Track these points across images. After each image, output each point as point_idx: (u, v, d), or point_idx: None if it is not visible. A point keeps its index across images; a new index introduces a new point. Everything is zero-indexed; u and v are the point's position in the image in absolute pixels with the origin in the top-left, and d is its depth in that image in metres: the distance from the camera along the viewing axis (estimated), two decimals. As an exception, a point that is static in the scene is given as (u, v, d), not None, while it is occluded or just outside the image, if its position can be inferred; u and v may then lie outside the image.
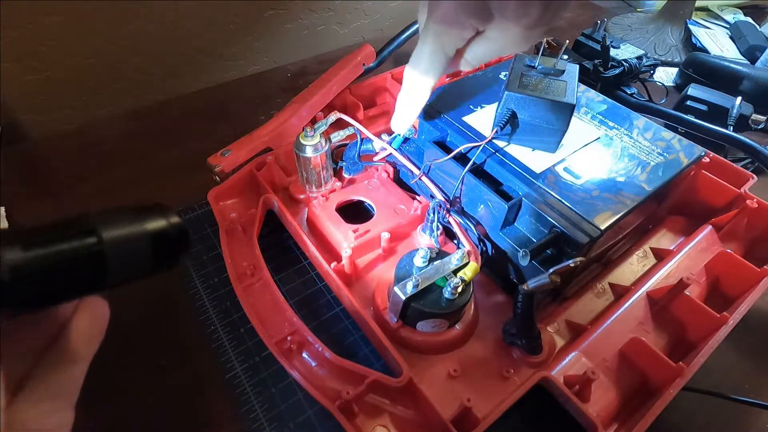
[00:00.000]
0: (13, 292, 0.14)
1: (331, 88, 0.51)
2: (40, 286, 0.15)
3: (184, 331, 0.39)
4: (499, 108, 0.37)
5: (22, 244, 0.14)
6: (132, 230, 0.16)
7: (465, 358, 0.36)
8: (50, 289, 0.15)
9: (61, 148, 0.56)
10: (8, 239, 0.14)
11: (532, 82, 0.37)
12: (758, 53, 0.73)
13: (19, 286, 0.14)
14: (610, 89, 0.62)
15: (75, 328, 0.17)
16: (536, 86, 0.36)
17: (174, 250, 0.18)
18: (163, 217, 0.17)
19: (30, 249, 0.14)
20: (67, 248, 0.15)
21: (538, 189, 0.35)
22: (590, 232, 0.32)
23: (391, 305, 0.35)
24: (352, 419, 0.32)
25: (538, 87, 0.36)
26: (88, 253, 0.15)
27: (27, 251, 0.14)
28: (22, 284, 0.14)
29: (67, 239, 0.15)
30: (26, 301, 0.15)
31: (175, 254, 0.18)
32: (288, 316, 0.36)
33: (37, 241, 0.14)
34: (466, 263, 0.35)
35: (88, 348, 0.18)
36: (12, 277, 0.14)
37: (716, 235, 0.43)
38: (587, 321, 0.38)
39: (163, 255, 0.17)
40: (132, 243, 0.16)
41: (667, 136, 0.41)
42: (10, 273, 0.14)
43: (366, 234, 0.41)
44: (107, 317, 0.18)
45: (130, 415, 0.34)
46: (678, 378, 0.31)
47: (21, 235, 0.14)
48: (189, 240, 0.18)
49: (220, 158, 0.44)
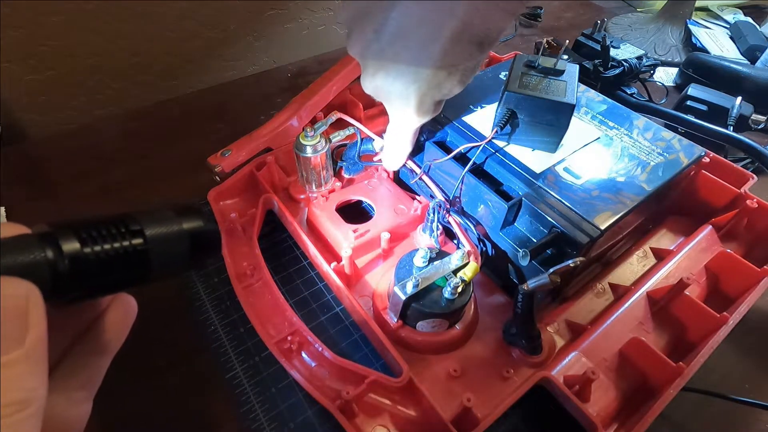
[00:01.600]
0: (68, 282, 0.15)
1: (331, 88, 0.51)
2: (91, 280, 0.15)
3: (184, 331, 0.39)
4: (499, 108, 0.37)
5: (79, 239, 0.15)
6: (173, 230, 0.17)
7: (465, 358, 0.36)
8: (98, 283, 0.16)
9: (61, 148, 0.56)
10: (66, 231, 0.15)
11: (532, 82, 0.37)
12: (758, 53, 0.73)
13: (75, 278, 0.15)
14: (610, 89, 0.62)
15: (109, 321, 0.18)
16: (536, 86, 0.36)
17: (207, 249, 0.19)
18: (199, 217, 0.18)
19: (86, 244, 0.15)
20: (118, 247, 0.16)
21: (538, 189, 0.35)
22: (590, 232, 0.32)
23: (391, 305, 0.35)
24: (352, 419, 0.32)
25: (538, 87, 0.36)
26: (135, 252, 0.16)
27: (84, 246, 0.15)
28: (77, 276, 0.15)
29: (118, 238, 0.16)
30: (77, 293, 0.15)
31: (208, 252, 0.19)
32: (288, 316, 0.36)
33: (92, 237, 0.15)
34: (466, 263, 0.35)
35: (117, 341, 0.19)
36: (71, 269, 0.14)
37: (716, 235, 0.43)
38: (587, 321, 0.38)
39: (198, 253, 0.18)
40: (173, 242, 0.17)
41: (667, 136, 0.41)
42: (70, 265, 0.14)
43: (366, 234, 0.41)
44: (135, 313, 0.19)
45: (130, 415, 0.34)
46: (678, 378, 0.31)
47: (76, 228, 0.15)
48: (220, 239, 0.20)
49: (220, 158, 0.44)
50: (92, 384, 0.18)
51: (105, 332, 0.18)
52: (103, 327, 0.18)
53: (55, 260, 0.14)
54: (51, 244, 0.14)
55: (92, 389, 0.18)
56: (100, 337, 0.18)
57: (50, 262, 0.14)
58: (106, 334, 0.18)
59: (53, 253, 0.14)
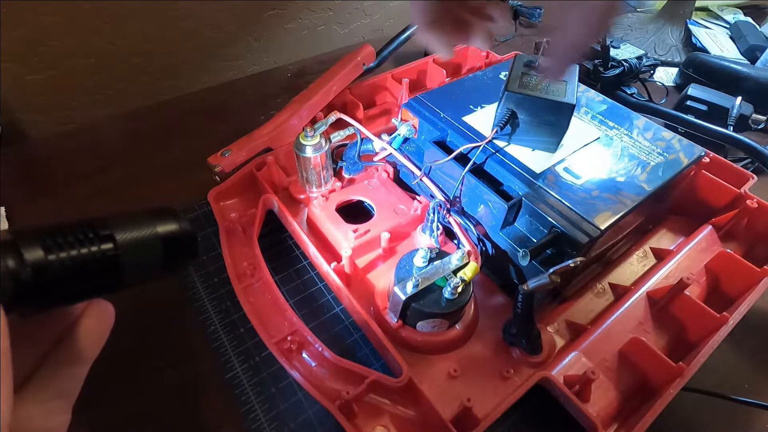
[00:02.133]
0: (32, 291, 0.14)
1: (331, 88, 0.51)
2: (57, 288, 0.15)
3: (184, 331, 0.39)
4: (499, 108, 0.37)
5: (43, 246, 0.14)
6: (145, 234, 0.17)
7: (465, 358, 0.36)
8: (66, 291, 0.15)
9: (61, 148, 0.56)
10: (29, 239, 0.14)
11: (532, 82, 0.37)
12: (758, 53, 0.73)
13: (39, 286, 0.14)
14: (610, 89, 0.62)
15: (83, 329, 0.18)
16: (536, 86, 0.36)
17: (183, 254, 0.18)
18: (174, 220, 0.18)
19: (51, 251, 0.14)
20: (86, 253, 0.15)
21: (538, 189, 0.35)
22: (590, 232, 0.32)
23: (391, 305, 0.35)
24: (352, 419, 0.32)
25: (538, 87, 0.36)
26: (104, 258, 0.15)
27: (48, 253, 0.14)
28: (41, 285, 0.14)
29: (86, 244, 0.15)
30: (42, 301, 0.15)
31: (184, 258, 0.18)
32: (288, 316, 0.36)
33: (57, 243, 0.15)
34: (466, 263, 0.35)
35: (93, 349, 0.18)
36: (34, 278, 0.14)
37: (716, 235, 0.43)
38: (587, 321, 0.38)
39: (173, 258, 0.17)
40: (145, 247, 0.17)
41: (667, 136, 0.41)
42: (33, 273, 0.14)
43: (366, 234, 0.41)
44: (113, 319, 0.19)
45: (130, 415, 0.34)
46: (678, 378, 0.31)
47: (41, 235, 0.15)
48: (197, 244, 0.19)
49: (220, 158, 0.44)
50: (69, 393, 0.17)
51: (80, 340, 0.17)
52: (78, 334, 0.17)
53: (17, 269, 0.14)
54: (12, 253, 0.14)
55: (70, 399, 0.17)
56: (75, 345, 0.17)
57: (11, 271, 0.14)
58: (82, 341, 0.18)
59: (14, 261, 0.14)
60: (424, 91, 0.45)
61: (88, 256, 0.15)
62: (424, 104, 0.43)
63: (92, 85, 0.65)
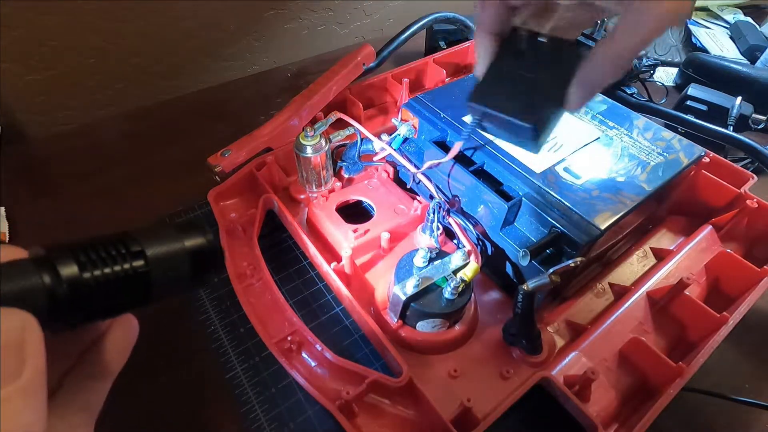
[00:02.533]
0: (67, 308, 0.14)
1: (331, 88, 0.51)
2: (91, 305, 0.15)
3: (184, 331, 0.39)
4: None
5: (77, 262, 0.14)
6: (174, 249, 0.17)
7: (465, 358, 0.36)
8: (99, 308, 0.15)
9: (61, 148, 0.56)
10: (64, 255, 0.14)
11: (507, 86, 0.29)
12: (758, 53, 0.73)
13: (74, 303, 0.14)
14: (610, 89, 0.62)
15: (109, 344, 0.18)
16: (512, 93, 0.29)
17: (209, 269, 0.18)
18: (201, 235, 0.17)
19: (85, 268, 0.14)
20: (119, 270, 0.15)
21: (538, 189, 0.35)
22: (590, 232, 0.32)
23: (391, 305, 0.35)
24: (352, 419, 0.32)
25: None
26: (136, 274, 0.15)
27: (83, 270, 0.14)
28: (76, 302, 0.14)
29: (118, 261, 0.15)
30: (76, 318, 0.15)
31: (210, 272, 0.18)
32: (288, 316, 0.36)
33: (91, 259, 0.15)
34: (467, 263, 0.35)
35: (117, 363, 0.18)
36: (70, 294, 0.14)
37: (716, 235, 0.43)
38: (587, 321, 0.38)
39: (200, 273, 0.17)
40: (174, 262, 0.17)
41: (667, 136, 0.41)
42: (69, 290, 0.14)
43: (366, 234, 0.41)
44: (137, 333, 0.19)
45: (130, 415, 0.34)
46: (678, 378, 0.31)
47: (74, 251, 0.14)
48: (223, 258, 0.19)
49: (220, 158, 0.44)
50: (92, 408, 0.17)
51: (105, 355, 0.17)
52: (104, 349, 0.17)
53: (52, 286, 0.14)
54: (48, 269, 0.14)
55: (93, 413, 0.17)
56: (100, 360, 0.17)
57: (47, 288, 0.14)
58: (107, 356, 0.18)
59: (50, 278, 0.14)
60: (424, 91, 0.45)
61: (120, 273, 0.15)
62: (424, 104, 0.43)
63: (92, 85, 0.65)
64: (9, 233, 0.45)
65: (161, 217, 0.47)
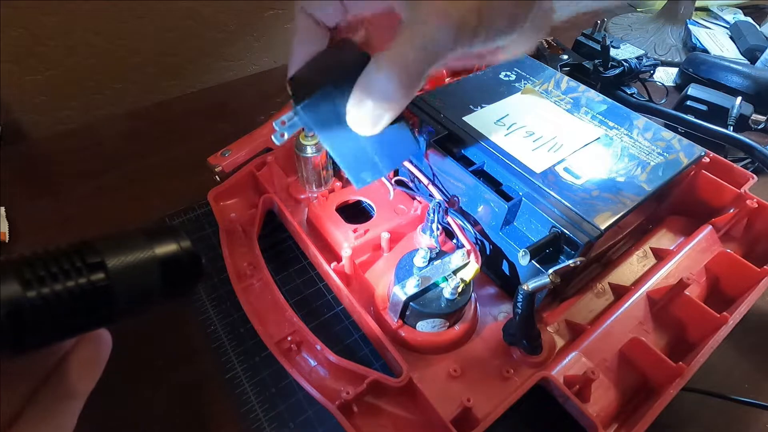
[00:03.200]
0: (10, 333, 0.12)
1: (331, 88, 0.50)
2: (39, 328, 0.13)
3: (184, 331, 0.39)
4: None
5: (20, 280, 0.12)
6: (140, 258, 0.15)
7: (465, 358, 0.36)
8: (50, 330, 0.13)
9: (61, 148, 0.56)
10: (3, 272, 0.12)
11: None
12: (758, 53, 0.73)
13: (15, 327, 0.12)
14: (610, 89, 0.62)
15: (73, 362, 0.16)
16: None
17: (185, 278, 0.16)
18: (173, 239, 0.15)
19: (30, 286, 0.12)
20: (72, 286, 0.13)
21: (538, 189, 0.35)
22: (590, 233, 0.32)
23: (391, 305, 0.35)
24: (352, 419, 0.32)
25: None
26: (95, 289, 0.13)
27: (27, 289, 0.12)
28: (18, 326, 0.12)
29: (72, 275, 0.13)
30: (22, 344, 0.13)
31: (186, 282, 0.16)
32: (288, 316, 0.36)
33: (38, 276, 0.13)
34: (467, 263, 0.35)
35: (87, 382, 0.17)
36: (10, 319, 0.12)
37: (716, 235, 0.43)
38: (587, 321, 0.38)
39: (174, 284, 0.15)
40: (141, 273, 0.15)
41: (667, 136, 0.41)
42: (8, 314, 0.12)
43: (366, 234, 0.41)
44: (109, 348, 0.17)
45: (130, 415, 0.34)
46: (678, 378, 0.31)
47: (18, 267, 0.13)
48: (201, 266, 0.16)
49: (220, 158, 0.45)
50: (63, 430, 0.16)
51: (72, 373, 0.16)
52: (70, 367, 0.16)
53: None
54: None
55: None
56: (67, 380, 0.16)
57: None
58: (74, 375, 0.16)
59: None
60: (424, 91, 0.45)
61: (75, 289, 0.13)
62: (424, 104, 0.43)
63: (92, 85, 0.65)
64: (9, 233, 0.45)
65: (161, 217, 0.47)
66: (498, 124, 0.41)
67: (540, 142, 0.39)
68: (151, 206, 0.49)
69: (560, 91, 0.45)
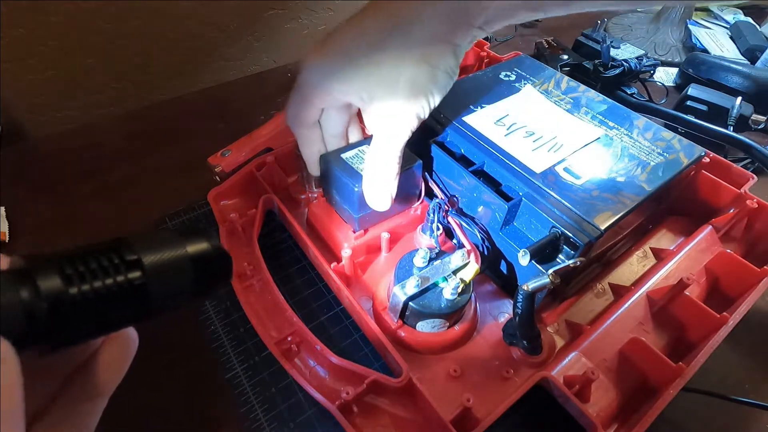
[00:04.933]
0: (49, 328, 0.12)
1: (331, 88, 0.50)
2: (77, 324, 0.13)
3: (184, 331, 0.39)
4: None
5: (62, 275, 0.12)
6: (174, 256, 0.15)
7: (465, 358, 0.36)
8: (87, 327, 0.13)
9: (61, 148, 0.56)
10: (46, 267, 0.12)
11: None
12: (758, 53, 0.73)
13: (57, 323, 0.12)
14: (610, 89, 0.62)
15: (103, 361, 0.16)
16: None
17: (216, 277, 0.16)
18: (205, 239, 0.16)
19: (71, 282, 0.13)
20: (111, 284, 0.13)
21: (538, 189, 0.35)
22: (590, 233, 0.32)
23: (391, 305, 0.35)
24: (352, 419, 0.32)
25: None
26: (131, 288, 0.13)
27: (68, 284, 0.12)
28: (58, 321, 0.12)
29: (111, 273, 0.13)
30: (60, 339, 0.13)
31: (216, 281, 0.16)
32: (288, 316, 0.36)
33: (78, 272, 0.13)
34: (467, 263, 0.35)
35: (114, 381, 0.17)
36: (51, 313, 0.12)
37: (716, 235, 0.43)
38: (587, 321, 0.38)
39: (205, 283, 0.16)
40: (175, 272, 0.15)
41: (667, 136, 0.41)
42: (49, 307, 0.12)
43: (366, 234, 0.41)
44: (135, 347, 0.17)
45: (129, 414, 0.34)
46: (678, 378, 0.31)
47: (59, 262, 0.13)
48: (231, 266, 0.17)
49: (220, 158, 0.44)
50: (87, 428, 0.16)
51: (99, 373, 0.16)
52: (97, 367, 0.16)
53: (30, 303, 0.12)
54: (26, 283, 0.12)
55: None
56: (93, 379, 0.16)
57: (25, 305, 0.12)
58: (101, 374, 0.16)
59: (29, 293, 0.12)
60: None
61: (113, 287, 0.13)
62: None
63: (92, 85, 0.65)
64: (9, 233, 0.45)
65: (161, 217, 0.47)
66: (498, 124, 0.41)
67: (540, 142, 0.39)
68: (151, 206, 0.49)
69: (560, 91, 0.45)
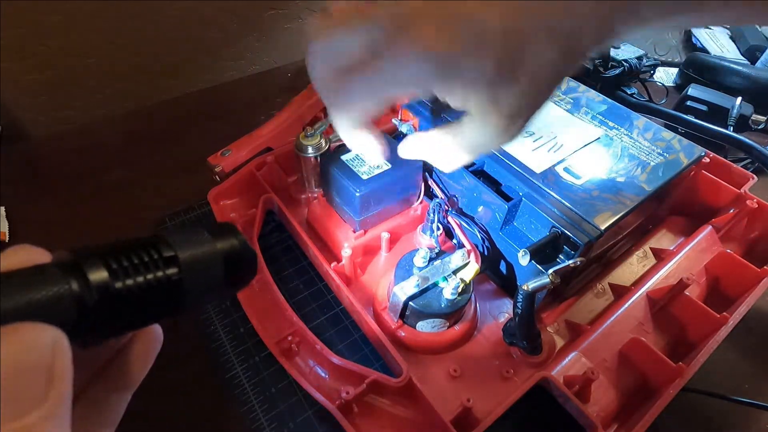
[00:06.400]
0: (97, 319, 0.13)
1: (331, 88, 0.50)
2: (120, 316, 0.13)
3: (184, 331, 0.39)
4: None
5: (108, 268, 0.13)
6: (207, 253, 0.15)
7: (465, 358, 0.36)
8: (129, 319, 0.14)
9: (61, 148, 0.56)
10: (93, 260, 0.13)
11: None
12: (758, 53, 0.73)
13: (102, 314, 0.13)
14: (610, 89, 0.62)
15: (134, 354, 0.16)
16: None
17: (243, 273, 0.16)
18: (234, 236, 0.16)
19: (116, 275, 0.13)
20: (151, 278, 0.13)
21: (538, 189, 0.35)
22: (590, 233, 0.32)
23: (391, 305, 0.35)
24: (352, 419, 0.32)
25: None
26: (169, 283, 0.14)
27: (114, 277, 0.13)
28: (104, 313, 0.13)
29: (151, 268, 0.14)
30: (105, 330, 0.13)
31: (243, 277, 0.16)
32: (288, 316, 0.36)
33: (122, 266, 0.13)
34: (467, 263, 0.35)
35: (141, 374, 0.17)
36: (100, 303, 0.12)
37: (716, 235, 0.43)
38: (587, 321, 0.38)
39: (233, 278, 0.16)
40: (207, 268, 0.15)
41: (667, 136, 0.41)
42: (99, 298, 0.12)
43: (366, 234, 0.41)
44: (161, 342, 0.17)
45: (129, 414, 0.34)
46: (678, 378, 0.31)
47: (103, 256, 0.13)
48: (256, 262, 0.17)
49: (220, 158, 0.44)
50: (113, 421, 0.16)
51: (127, 366, 0.16)
52: (126, 361, 0.16)
53: (81, 294, 0.12)
54: (76, 275, 0.12)
55: (113, 426, 0.16)
56: (122, 372, 0.16)
57: (76, 296, 0.12)
58: (129, 368, 0.16)
59: (79, 285, 0.12)
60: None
61: (153, 282, 0.13)
62: (425, 104, 0.43)
63: (92, 85, 0.65)
64: (9, 233, 0.45)
65: (161, 217, 0.47)
66: (498, 124, 0.41)
67: (540, 142, 0.39)
68: (151, 206, 0.49)
69: (560, 91, 0.45)
